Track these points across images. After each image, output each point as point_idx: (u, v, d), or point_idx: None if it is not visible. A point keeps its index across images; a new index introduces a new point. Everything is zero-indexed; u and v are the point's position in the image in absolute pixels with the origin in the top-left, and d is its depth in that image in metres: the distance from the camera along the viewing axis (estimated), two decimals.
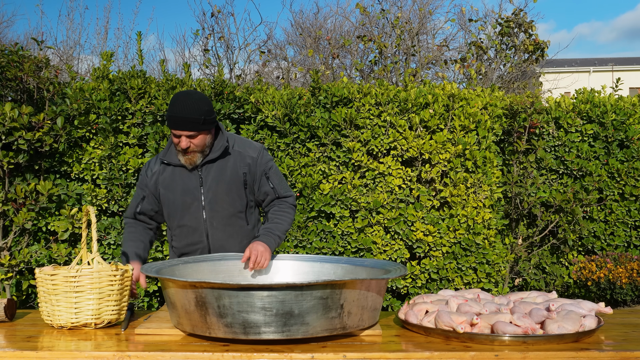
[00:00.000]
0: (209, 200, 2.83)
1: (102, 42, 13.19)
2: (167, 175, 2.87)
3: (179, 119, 2.68)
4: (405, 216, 5.28)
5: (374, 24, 10.52)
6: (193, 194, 2.84)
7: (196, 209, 2.85)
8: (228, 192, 2.84)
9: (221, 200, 2.84)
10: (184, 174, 2.85)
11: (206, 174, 2.84)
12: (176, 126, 2.70)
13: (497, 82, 9.76)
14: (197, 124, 2.70)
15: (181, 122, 2.69)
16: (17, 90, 4.91)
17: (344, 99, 5.38)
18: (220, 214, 2.85)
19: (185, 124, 2.69)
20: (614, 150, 6.23)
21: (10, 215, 4.62)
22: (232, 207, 2.86)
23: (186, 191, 2.84)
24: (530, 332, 2.09)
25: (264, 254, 2.67)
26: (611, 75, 26.16)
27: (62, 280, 2.32)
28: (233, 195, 2.86)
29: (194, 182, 2.84)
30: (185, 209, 2.86)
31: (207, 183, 2.83)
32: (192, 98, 2.72)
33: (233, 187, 2.85)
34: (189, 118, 2.68)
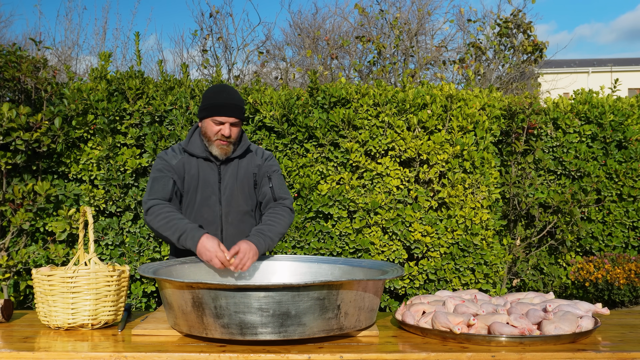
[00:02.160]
0: (226, 196, 2.91)
1: (100, 43, 13.19)
2: (192, 165, 2.92)
3: (227, 104, 2.80)
4: (403, 217, 5.28)
5: (373, 24, 10.53)
6: (212, 188, 2.91)
7: (214, 203, 2.90)
8: (242, 190, 2.93)
9: (237, 197, 2.92)
10: (204, 167, 2.92)
11: (224, 170, 2.92)
12: (224, 112, 2.80)
13: (496, 83, 9.76)
14: (242, 112, 2.86)
15: (229, 107, 2.80)
16: (14, 91, 4.91)
17: (342, 100, 5.38)
18: (235, 210, 2.92)
19: (232, 109, 2.81)
20: (612, 151, 6.24)
21: (7, 216, 4.62)
22: (245, 205, 2.95)
23: (205, 184, 2.91)
24: (527, 332, 2.09)
25: (248, 254, 2.59)
26: (610, 75, 26.20)
27: (59, 281, 2.32)
28: (246, 194, 2.95)
29: (213, 177, 2.92)
30: (203, 201, 2.91)
31: (225, 179, 2.92)
32: (232, 88, 2.90)
33: (246, 186, 2.95)
34: (236, 104, 2.82)
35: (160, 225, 2.72)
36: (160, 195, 2.81)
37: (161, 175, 2.86)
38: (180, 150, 2.95)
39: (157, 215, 2.74)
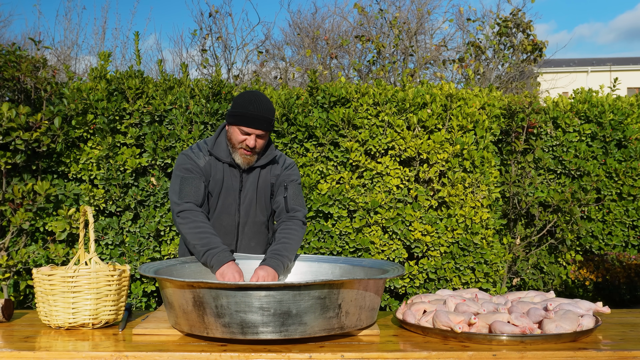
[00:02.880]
0: (245, 205, 2.86)
1: (100, 42, 13.19)
2: (218, 169, 2.85)
3: (257, 117, 2.70)
4: (403, 216, 5.28)
5: (372, 24, 10.53)
6: (233, 196, 2.86)
7: (234, 211, 2.86)
8: (260, 200, 2.89)
9: (254, 206, 2.88)
10: (228, 173, 2.86)
11: (246, 178, 2.87)
12: (252, 124, 2.71)
13: (495, 82, 9.76)
14: (271, 124, 2.75)
15: (259, 120, 2.71)
16: (14, 91, 4.91)
17: (342, 99, 5.38)
18: (251, 220, 2.88)
19: (262, 122, 2.72)
20: (611, 150, 6.24)
21: (7, 216, 4.62)
22: (262, 215, 2.91)
23: (228, 191, 2.85)
24: (528, 331, 2.09)
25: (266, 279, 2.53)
26: (609, 75, 26.21)
27: (60, 281, 2.32)
28: (262, 204, 2.90)
29: (235, 184, 2.86)
30: (224, 208, 2.86)
31: (245, 188, 2.86)
32: (265, 98, 2.77)
33: (263, 196, 2.89)
34: (266, 117, 2.72)
35: (190, 232, 2.65)
36: (193, 199, 2.73)
37: (190, 176, 2.77)
38: (206, 151, 2.85)
39: (191, 222, 2.68)
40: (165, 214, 4.99)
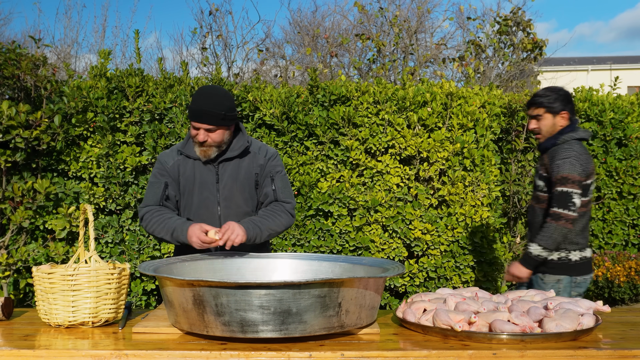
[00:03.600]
0: (225, 197, 2.87)
1: (100, 40, 13.19)
2: (188, 166, 2.89)
3: (200, 111, 2.72)
4: (404, 214, 5.28)
5: (372, 22, 10.52)
6: (209, 189, 2.87)
7: (212, 204, 2.87)
8: (242, 190, 2.88)
9: (236, 198, 2.88)
10: (201, 169, 2.88)
11: (223, 171, 2.88)
12: (197, 118, 2.73)
13: (496, 81, 9.76)
14: (217, 118, 2.73)
15: (202, 114, 2.72)
16: (14, 89, 4.90)
17: (342, 97, 5.38)
18: (234, 212, 2.88)
19: (205, 117, 2.72)
20: (612, 148, 6.24)
21: (7, 214, 4.61)
22: (245, 206, 2.90)
23: (203, 185, 2.87)
24: (528, 330, 2.09)
25: (236, 231, 2.61)
26: (609, 73, 26.18)
27: (60, 279, 2.32)
28: (246, 195, 2.90)
29: (211, 178, 2.87)
30: (201, 202, 2.88)
31: (223, 180, 2.87)
32: (217, 92, 2.77)
33: (246, 186, 2.89)
34: (210, 111, 2.72)
35: (154, 229, 2.80)
36: (152, 202, 2.88)
37: (155, 180, 2.90)
38: (175, 152, 2.93)
39: (150, 220, 2.82)
40: None
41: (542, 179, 3.19)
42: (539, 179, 3.22)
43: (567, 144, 3.14)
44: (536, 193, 3.26)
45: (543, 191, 3.20)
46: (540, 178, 3.21)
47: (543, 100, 3.17)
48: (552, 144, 3.17)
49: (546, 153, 3.21)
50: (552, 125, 3.18)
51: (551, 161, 3.12)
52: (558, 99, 3.17)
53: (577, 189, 3.06)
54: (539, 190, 3.22)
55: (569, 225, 3.05)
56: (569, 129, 3.18)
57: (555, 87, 3.23)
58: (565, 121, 3.18)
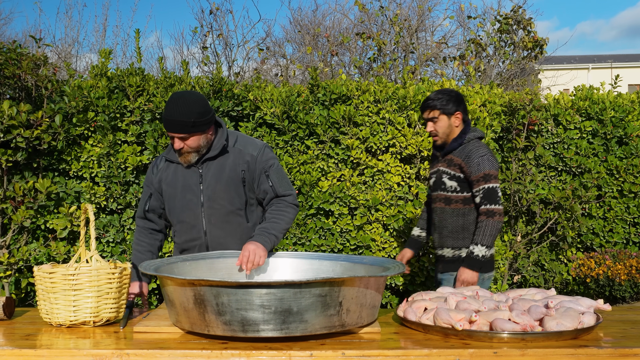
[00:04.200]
0: (208, 197, 2.85)
1: (101, 40, 13.19)
2: (170, 172, 2.92)
3: (170, 121, 2.71)
4: (404, 213, 5.28)
5: (373, 21, 10.51)
6: (192, 191, 2.86)
7: (195, 205, 2.86)
8: (226, 189, 2.85)
9: (219, 197, 2.85)
10: (184, 171, 2.89)
11: (206, 171, 2.86)
12: (168, 128, 2.74)
13: (496, 79, 9.75)
14: (187, 126, 2.70)
15: (171, 124, 2.71)
16: (15, 88, 4.91)
17: (343, 96, 5.38)
18: (218, 211, 2.86)
19: (175, 126, 2.71)
20: (612, 147, 6.23)
21: (8, 213, 4.62)
22: (230, 205, 2.86)
23: (186, 187, 2.87)
24: (528, 329, 2.09)
25: (257, 252, 2.63)
26: (610, 72, 26.17)
27: (61, 278, 2.32)
28: (231, 193, 2.86)
29: (194, 179, 2.87)
30: (184, 205, 2.88)
31: (206, 180, 2.85)
32: (185, 100, 2.71)
33: (232, 185, 2.85)
34: (178, 120, 2.69)
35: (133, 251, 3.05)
36: (139, 212, 3.04)
37: (144, 190, 3.03)
38: (162, 159, 2.97)
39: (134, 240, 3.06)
40: None
41: (454, 179, 3.22)
42: (448, 179, 3.23)
43: (475, 142, 3.22)
44: (444, 194, 3.27)
45: (456, 191, 3.23)
46: (452, 179, 3.23)
47: (437, 102, 3.24)
48: (458, 144, 3.23)
49: (452, 154, 3.25)
50: (448, 127, 3.24)
51: (467, 161, 3.17)
52: (451, 100, 3.24)
53: (498, 183, 3.17)
54: (450, 192, 3.24)
55: (502, 219, 3.13)
56: (469, 129, 3.27)
57: (447, 89, 3.30)
58: (459, 121, 3.26)
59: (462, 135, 3.24)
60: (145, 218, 3.00)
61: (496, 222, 3.09)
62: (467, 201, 3.21)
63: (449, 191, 3.24)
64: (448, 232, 3.26)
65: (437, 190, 3.31)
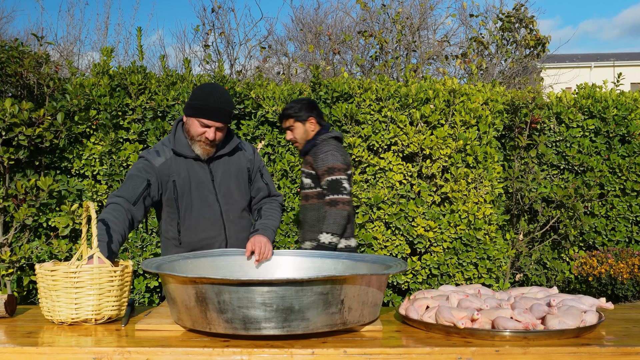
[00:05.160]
0: (223, 193, 2.86)
1: (103, 38, 13.19)
2: (181, 165, 2.81)
3: (216, 109, 2.71)
4: (406, 212, 5.28)
5: (375, 19, 10.50)
6: (207, 188, 2.85)
7: (213, 202, 2.86)
8: (238, 186, 2.90)
9: (234, 193, 2.89)
10: (195, 167, 2.84)
11: (215, 168, 2.86)
12: (212, 117, 2.71)
13: (498, 78, 9.74)
14: (229, 116, 2.78)
15: (218, 112, 2.71)
16: (17, 86, 4.91)
17: (345, 95, 5.37)
18: (234, 207, 2.90)
19: (221, 115, 2.73)
20: (615, 145, 6.22)
21: (10, 211, 4.62)
22: (243, 201, 2.93)
23: (200, 184, 2.84)
24: (531, 327, 2.09)
25: (267, 245, 2.71)
26: (612, 70, 26.13)
27: (62, 276, 2.32)
28: (242, 190, 2.92)
29: (205, 175, 2.85)
30: (202, 202, 2.85)
31: (217, 177, 2.86)
32: (224, 90, 2.80)
33: (241, 182, 2.91)
34: (226, 110, 2.73)
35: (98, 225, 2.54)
36: (127, 195, 2.66)
37: (137, 175, 2.73)
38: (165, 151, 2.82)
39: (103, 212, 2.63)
40: None
41: (309, 177, 3.48)
42: (305, 177, 3.52)
43: (324, 142, 3.46)
44: (304, 192, 3.54)
45: (311, 188, 3.50)
46: (307, 177, 3.50)
47: (290, 112, 3.51)
48: (312, 145, 3.49)
49: (308, 155, 3.50)
50: (305, 132, 3.51)
51: (315, 158, 3.43)
52: (302, 108, 3.50)
53: (344, 175, 3.40)
54: (307, 189, 3.52)
55: (347, 207, 3.39)
56: (324, 131, 3.52)
57: (300, 99, 3.58)
58: (314, 126, 3.52)
59: (315, 137, 3.49)
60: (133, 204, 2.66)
61: (339, 210, 3.34)
62: (320, 196, 3.47)
63: (306, 188, 3.52)
64: (308, 227, 3.52)
65: (302, 190, 3.58)
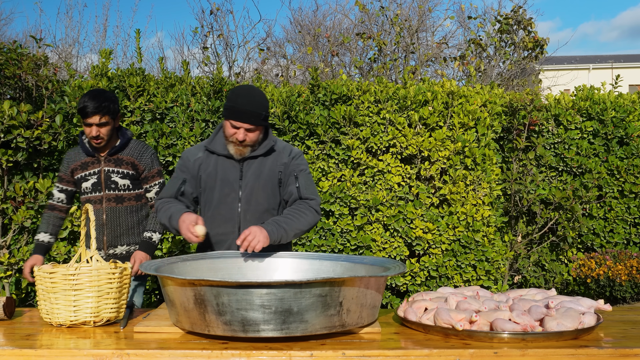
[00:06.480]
0: (246, 194, 2.88)
1: (101, 40, 13.20)
2: (211, 163, 2.91)
3: (243, 111, 2.75)
4: (405, 214, 5.28)
5: (373, 21, 10.51)
6: (232, 186, 2.89)
7: (233, 200, 2.88)
8: (264, 188, 2.90)
9: (257, 195, 2.89)
10: (225, 165, 2.90)
11: (247, 168, 2.89)
12: (238, 118, 2.75)
13: (497, 80, 9.75)
14: (259, 118, 2.78)
15: (245, 114, 2.75)
16: (15, 88, 4.91)
17: (343, 97, 5.38)
18: (254, 208, 2.89)
19: (248, 117, 2.75)
20: (613, 147, 6.23)
21: (9, 214, 4.62)
22: (266, 203, 2.91)
23: (225, 182, 2.89)
24: (529, 329, 2.09)
25: (258, 236, 2.59)
26: (611, 72, 26.16)
27: (61, 279, 2.32)
28: (268, 192, 2.91)
29: (234, 175, 2.89)
30: (222, 198, 2.89)
31: (246, 177, 2.89)
32: (256, 92, 2.81)
33: (269, 184, 2.91)
34: (253, 112, 2.76)
35: (161, 217, 2.85)
36: (166, 195, 2.94)
37: (176, 175, 2.96)
38: (202, 148, 2.95)
39: (159, 210, 2.88)
40: None
41: (129, 178, 3.29)
42: (122, 178, 3.28)
43: (139, 142, 3.36)
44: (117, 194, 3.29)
45: (129, 189, 3.31)
46: (126, 177, 3.29)
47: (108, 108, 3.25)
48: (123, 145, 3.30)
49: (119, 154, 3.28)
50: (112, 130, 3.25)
51: (140, 159, 3.30)
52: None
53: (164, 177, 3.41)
54: (124, 190, 3.29)
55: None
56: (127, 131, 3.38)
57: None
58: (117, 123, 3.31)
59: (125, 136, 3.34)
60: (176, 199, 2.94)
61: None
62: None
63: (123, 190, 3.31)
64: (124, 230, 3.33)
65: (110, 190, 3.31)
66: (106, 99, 3.16)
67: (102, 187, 3.29)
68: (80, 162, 3.31)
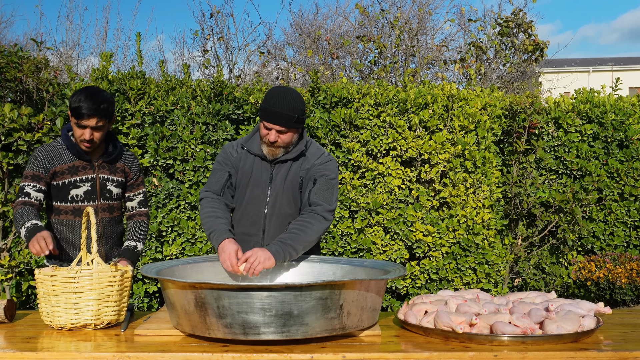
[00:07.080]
0: (274, 197, 2.87)
1: (102, 43, 13.21)
2: (248, 161, 2.91)
3: (275, 112, 2.73)
4: (405, 216, 5.29)
5: (374, 24, 10.53)
6: (262, 188, 2.88)
7: (261, 202, 2.87)
8: (287, 192, 2.88)
9: (282, 200, 2.88)
10: (259, 166, 2.90)
11: (277, 171, 2.89)
12: (270, 119, 2.75)
13: (497, 82, 9.76)
14: (290, 120, 2.75)
15: (276, 116, 2.73)
16: (16, 91, 4.92)
17: (343, 100, 5.39)
18: (279, 212, 2.88)
19: (279, 118, 2.74)
20: (613, 150, 6.24)
21: (10, 216, 4.62)
22: (288, 208, 2.89)
23: (256, 182, 2.89)
24: (529, 332, 2.09)
25: (261, 260, 2.50)
26: (610, 75, 26.15)
27: (62, 281, 2.33)
28: (290, 197, 2.89)
29: (265, 176, 2.88)
30: (252, 199, 2.89)
31: (275, 180, 2.88)
32: (290, 95, 2.78)
33: (291, 189, 2.89)
34: (285, 114, 2.74)
35: (202, 219, 2.81)
36: (213, 189, 2.89)
37: (219, 167, 2.93)
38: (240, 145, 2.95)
39: (203, 209, 2.83)
40: (167, 215, 5.00)
41: (121, 187, 3.02)
42: (116, 187, 3.00)
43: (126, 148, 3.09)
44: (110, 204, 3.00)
45: (118, 199, 3.04)
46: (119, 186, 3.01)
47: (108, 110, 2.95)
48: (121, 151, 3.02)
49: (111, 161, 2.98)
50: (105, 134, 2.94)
51: (130, 167, 3.04)
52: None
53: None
54: (115, 200, 3.02)
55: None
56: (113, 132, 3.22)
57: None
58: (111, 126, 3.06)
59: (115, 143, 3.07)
60: (220, 196, 2.86)
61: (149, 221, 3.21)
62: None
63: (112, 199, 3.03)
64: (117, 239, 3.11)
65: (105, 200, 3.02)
66: (104, 100, 2.80)
67: (97, 196, 2.94)
68: (67, 165, 2.88)
